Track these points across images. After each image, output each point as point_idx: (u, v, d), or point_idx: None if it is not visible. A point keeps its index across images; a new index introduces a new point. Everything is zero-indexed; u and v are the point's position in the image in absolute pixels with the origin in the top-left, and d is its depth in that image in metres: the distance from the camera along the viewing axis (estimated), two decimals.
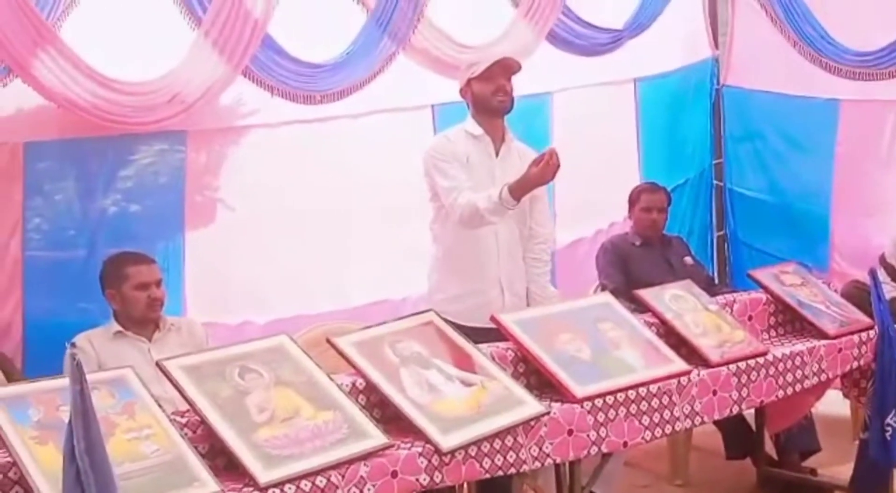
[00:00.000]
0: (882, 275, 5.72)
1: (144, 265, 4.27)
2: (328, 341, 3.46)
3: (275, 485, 2.89)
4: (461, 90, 4.59)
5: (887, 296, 5.17)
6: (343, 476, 2.99)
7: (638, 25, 6.50)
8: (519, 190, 4.32)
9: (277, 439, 3.01)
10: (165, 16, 4.73)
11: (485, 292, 4.49)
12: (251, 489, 2.88)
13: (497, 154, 4.56)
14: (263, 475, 2.89)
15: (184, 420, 3.11)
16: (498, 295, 4.51)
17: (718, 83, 7.14)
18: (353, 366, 3.40)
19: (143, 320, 4.25)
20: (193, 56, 4.79)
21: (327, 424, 3.11)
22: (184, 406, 3.17)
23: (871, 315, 4.54)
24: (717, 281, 6.54)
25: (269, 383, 3.19)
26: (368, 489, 3.03)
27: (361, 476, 3.02)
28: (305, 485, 2.92)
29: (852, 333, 4.48)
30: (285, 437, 3.02)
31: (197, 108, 4.81)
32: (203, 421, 3.04)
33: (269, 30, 5.01)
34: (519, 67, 4.52)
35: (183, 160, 4.99)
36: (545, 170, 4.30)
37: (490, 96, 4.49)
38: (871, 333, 4.49)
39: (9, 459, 2.79)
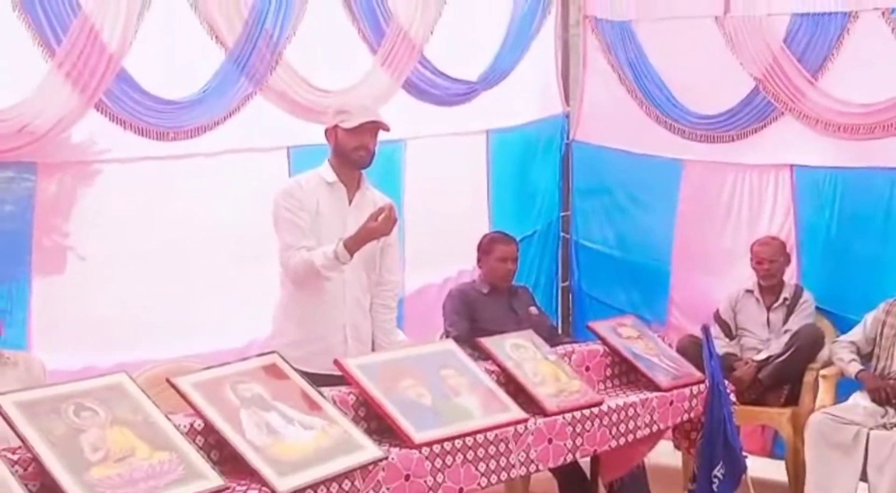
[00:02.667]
0: (716, 330, 5.96)
1: None
2: (168, 380, 3.44)
3: None
4: (327, 130, 4.60)
5: (720, 351, 5.39)
6: None
7: (492, 79, 6.66)
8: (355, 244, 4.37)
9: (111, 478, 2.96)
10: (18, 45, 4.69)
11: (327, 339, 4.48)
12: None
13: (351, 202, 4.59)
14: None
15: (15, 457, 3.04)
16: (341, 342, 4.52)
17: (568, 138, 7.33)
18: (192, 406, 3.38)
19: None
20: (46, 87, 4.75)
21: (163, 464, 3.08)
22: (16, 442, 3.11)
23: (704, 369, 4.70)
24: (560, 331, 6.68)
25: (105, 421, 3.15)
26: None
27: None
28: None
29: (684, 386, 4.62)
30: (119, 477, 2.98)
31: (47, 139, 4.76)
32: (35, 459, 2.99)
33: (125, 64, 4.99)
34: (388, 130, 4.57)
35: (32, 190, 4.91)
36: (384, 224, 4.37)
37: (351, 150, 4.52)
38: (703, 386, 4.64)
39: None
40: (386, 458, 3.50)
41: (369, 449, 3.50)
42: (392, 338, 4.75)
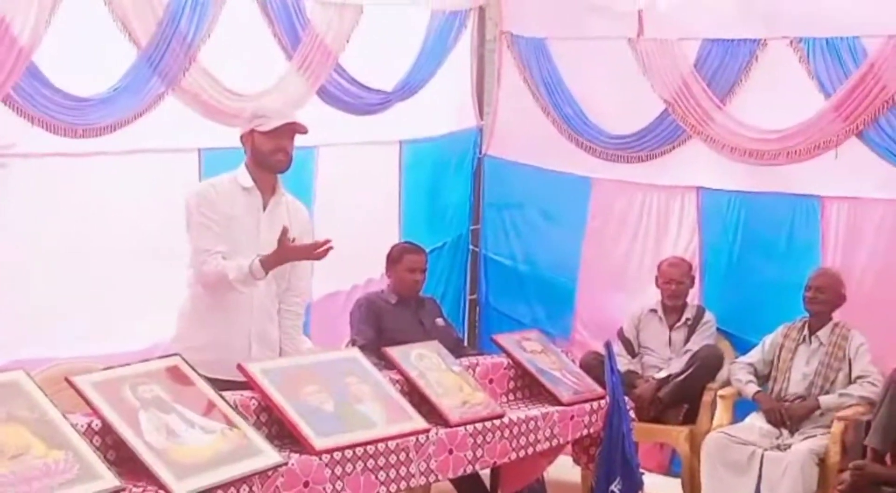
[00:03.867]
0: (618, 348, 6.04)
1: None
2: (66, 379, 3.39)
3: None
4: (243, 136, 4.53)
5: (622, 368, 5.46)
6: None
7: (407, 90, 6.69)
8: (272, 263, 4.34)
9: (4, 476, 2.91)
10: None
11: (231, 344, 4.43)
12: None
13: (265, 208, 4.54)
14: None
15: None
16: (245, 347, 4.47)
17: (481, 152, 7.39)
18: (90, 406, 3.34)
19: None
20: None
21: (58, 463, 3.03)
22: None
23: (605, 385, 4.75)
24: (466, 343, 6.71)
25: (0, 418, 3.11)
26: None
27: None
28: None
29: (585, 401, 4.67)
30: (13, 475, 2.93)
31: None
32: None
33: (35, 59, 4.91)
34: (305, 132, 4.53)
35: None
36: (310, 254, 4.37)
37: (269, 154, 4.45)
38: (603, 402, 4.69)
39: None
40: (285, 464, 3.49)
41: (269, 454, 3.48)
42: (298, 344, 4.73)
